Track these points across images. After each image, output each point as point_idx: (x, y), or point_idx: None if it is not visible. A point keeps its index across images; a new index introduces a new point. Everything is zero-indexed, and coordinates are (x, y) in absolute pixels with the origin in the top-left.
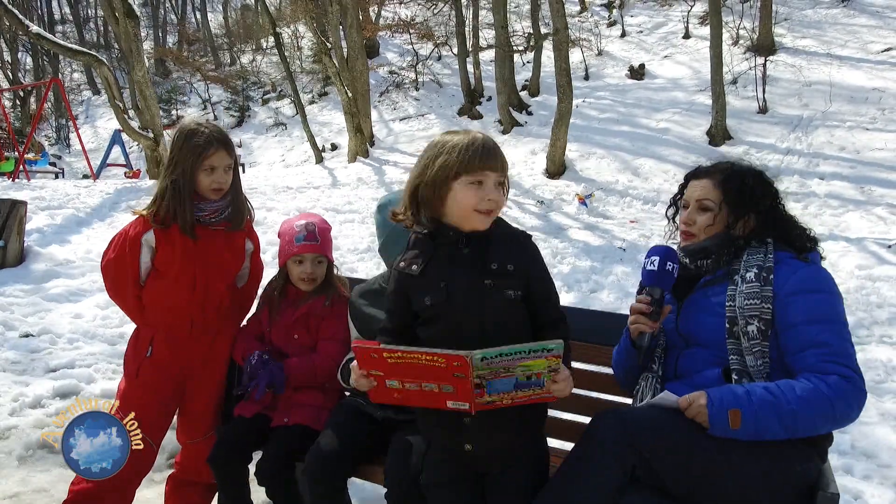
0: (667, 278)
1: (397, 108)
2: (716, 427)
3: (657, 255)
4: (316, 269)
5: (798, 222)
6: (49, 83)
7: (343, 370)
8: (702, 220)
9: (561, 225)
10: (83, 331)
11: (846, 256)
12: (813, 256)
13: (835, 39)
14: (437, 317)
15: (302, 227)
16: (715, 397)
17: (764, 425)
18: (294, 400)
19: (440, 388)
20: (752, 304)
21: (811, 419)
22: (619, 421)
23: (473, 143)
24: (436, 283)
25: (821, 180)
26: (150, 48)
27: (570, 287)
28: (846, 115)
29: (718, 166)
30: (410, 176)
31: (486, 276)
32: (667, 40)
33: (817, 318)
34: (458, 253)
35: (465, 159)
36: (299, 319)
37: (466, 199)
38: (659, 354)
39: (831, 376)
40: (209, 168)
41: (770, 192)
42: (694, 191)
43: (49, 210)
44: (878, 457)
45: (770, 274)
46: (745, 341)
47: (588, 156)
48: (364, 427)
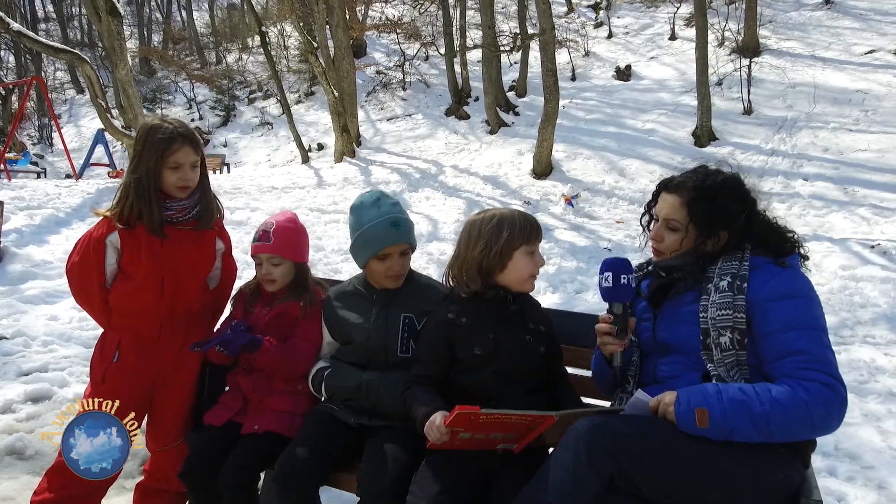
0: (623, 292)
1: (384, 108)
2: (682, 424)
3: (609, 270)
4: (273, 270)
5: (778, 226)
6: (30, 82)
7: (314, 378)
8: (669, 240)
9: (547, 225)
10: (58, 333)
11: (830, 257)
12: (791, 260)
13: (819, 41)
14: (481, 366)
15: (262, 227)
16: (683, 396)
17: (733, 425)
18: (265, 406)
19: (504, 436)
20: (724, 315)
21: (787, 424)
22: (597, 429)
23: (527, 218)
24: (484, 336)
25: (805, 181)
26: (134, 47)
27: (556, 288)
28: (830, 117)
29: (688, 182)
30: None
31: (527, 333)
32: (653, 42)
33: (794, 325)
34: (504, 310)
35: (525, 232)
36: (272, 321)
37: (526, 267)
38: (633, 372)
39: (811, 383)
40: (174, 165)
41: (746, 204)
42: (663, 206)
43: (28, 210)
44: (861, 458)
45: (744, 282)
46: (718, 353)
47: (575, 156)
48: (338, 434)
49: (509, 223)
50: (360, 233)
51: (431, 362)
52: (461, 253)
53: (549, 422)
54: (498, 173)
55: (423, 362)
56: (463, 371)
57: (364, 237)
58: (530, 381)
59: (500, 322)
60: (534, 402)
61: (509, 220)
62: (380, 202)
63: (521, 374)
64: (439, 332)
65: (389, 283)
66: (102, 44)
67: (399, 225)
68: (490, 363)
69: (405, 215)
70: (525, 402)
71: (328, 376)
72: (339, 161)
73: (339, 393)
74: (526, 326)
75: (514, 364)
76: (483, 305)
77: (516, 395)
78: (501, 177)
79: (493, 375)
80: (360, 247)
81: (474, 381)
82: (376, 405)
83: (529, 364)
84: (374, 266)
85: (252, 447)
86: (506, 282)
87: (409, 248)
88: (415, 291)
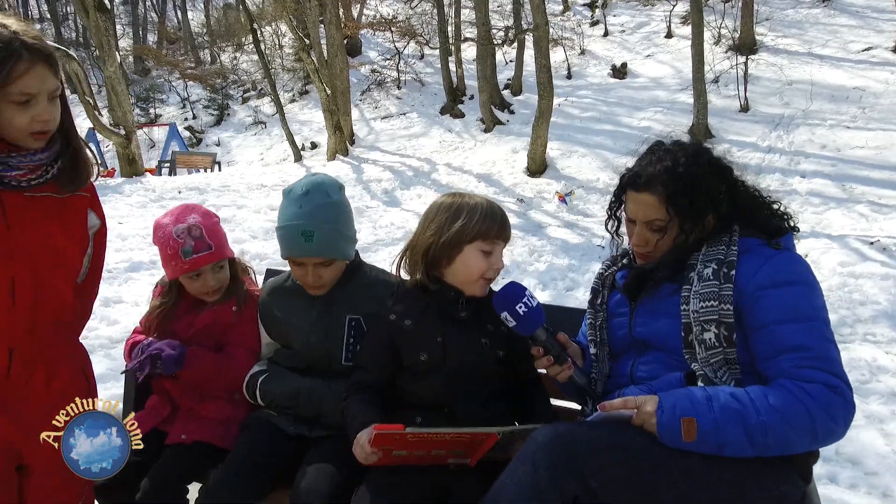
0: (530, 319)
1: (379, 107)
2: (665, 438)
3: (503, 308)
4: (219, 275)
5: (766, 200)
6: None
7: (248, 384)
8: (654, 241)
9: (540, 223)
10: None
11: (828, 254)
12: (786, 241)
13: (815, 39)
14: (428, 373)
15: (185, 234)
16: (667, 403)
17: (727, 438)
18: (196, 413)
19: (449, 452)
20: (708, 307)
21: (786, 434)
22: (560, 439)
23: (493, 211)
24: (432, 340)
25: (802, 178)
26: (129, 46)
27: (546, 285)
28: (827, 114)
29: (658, 174)
30: (422, 233)
31: (484, 335)
32: (649, 39)
33: (792, 316)
34: (454, 312)
35: (484, 226)
36: (203, 331)
37: (476, 265)
38: (598, 384)
39: (813, 384)
40: (21, 97)
41: (724, 180)
42: (637, 209)
43: None
44: (863, 463)
45: (731, 269)
46: (702, 351)
47: (569, 154)
48: (277, 444)
49: (469, 212)
50: (277, 228)
51: (373, 368)
52: (414, 237)
53: (492, 440)
54: (492, 171)
55: (364, 368)
56: (409, 378)
57: (279, 235)
58: (486, 388)
59: (451, 323)
60: (491, 412)
61: (469, 209)
62: (305, 199)
63: (475, 382)
64: (381, 335)
65: (310, 290)
66: (86, 39)
67: (311, 237)
68: (438, 370)
69: (330, 223)
70: (480, 412)
71: (263, 382)
72: (331, 159)
73: (276, 400)
74: (482, 328)
75: (465, 370)
76: (432, 305)
77: (469, 405)
78: (495, 175)
79: (442, 383)
80: (279, 243)
81: (421, 389)
82: (319, 414)
83: (484, 370)
84: (293, 269)
85: (177, 460)
86: (453, 279)
87: (326, 261)
88: (363, 288)
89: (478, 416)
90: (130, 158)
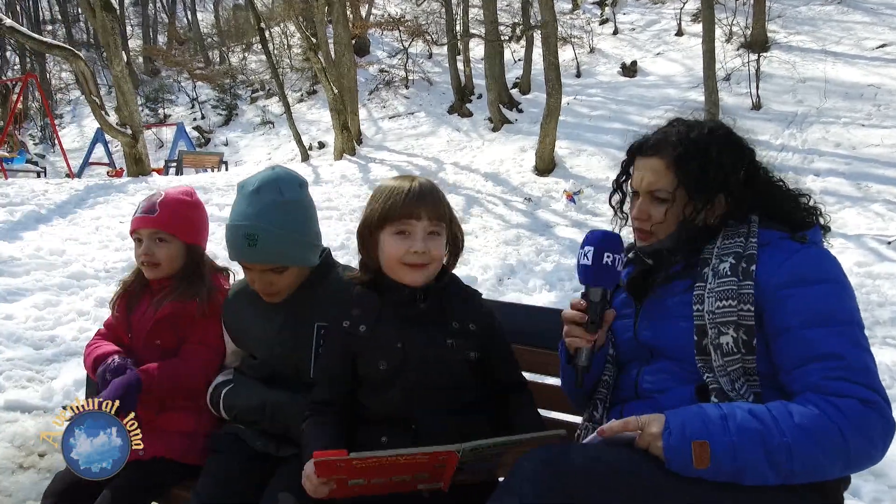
0: (604, 274)
1: (387, 107)
2: (673, 463)
3: (591, 244)
4: (156, 249)
5: (789, 189)
6: (24, 79)
7: (212, 396)
8: (657, 215)
9: (548, 222)
10: (8, 333)
11: (844, 253)
12: (812, 235)
13: (829, 36)
14: (388, 383)
15: (148, 198)
16: (675, 423)
17: (745, 464)
18: (157, 424)
19: (414, 477)
20: (725, 308)
21: (814, 458)
22: (551, 467)
23: (400, 190)
24: (390, 345)
25: (816, 177)
26: (139, 46)
27: (553, 286)
28: (841, 112)
29: (669, 137)
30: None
31: (448, 336)
32: (659, 38)
33: (821, 319)
34: (412, 310)
35: (386, 207)
36: (161, 324)
37: (392, 250)
38: (603, 396)
39: (845, 399)
40: None
41: (743, 155)
42: (642, 175)
43: (10, 206)
44: (887, 476)
45: (752, 264)
46: (718, 358)
47: (578, 153)
48: (246, 461)
49: (379, 193)
50: (226, 226)
51: (330, 384)
52: None
53: (453, 459)
54: (499, 170)
55: (321, 385)
56: (368, 391)
57: (226, 234)
58: (457, 398)
59: (411, 326)
60: (465, 426)
61: (377, 192)
62: (255, 197)
63: (443, 391)
64: (336, 346)
65: (264, 297)
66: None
67: (254, 242)
68: (399, 379)
69: (277, 227)
70: (451, 427)
71: (227, 394)
72: (338, 159)
73: (240, 414)
74: (448, 328)
75: (429, 378)
76: (388, 306)
77: (437, 418)
78: (503, 174)
79: (404, 394)
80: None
81: (383, 403)
82: (288, 430)
83: (452, 376)
84: (244, 272)
85: (135, 476)
86: (387, 271)
87: (277, 267)
88: (335, 292)
89: (449, 431)
90: (137, 158)
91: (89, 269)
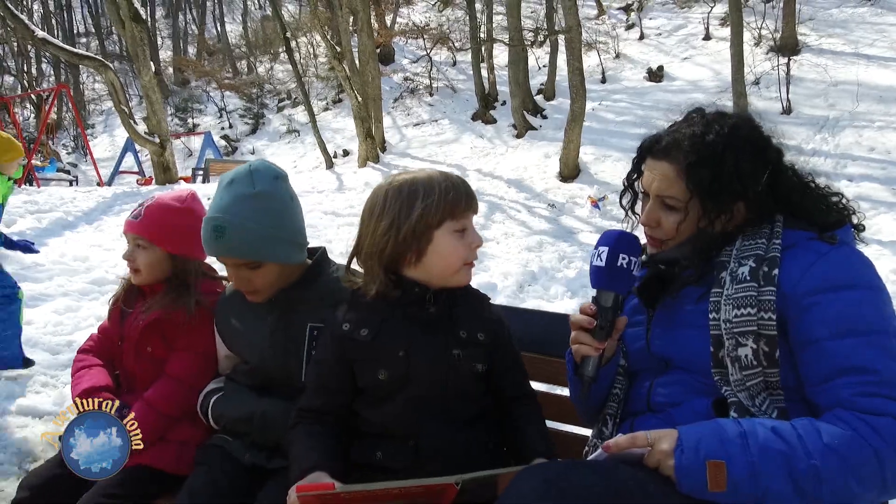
0: (618, 278)
1: (411, 114)
2: (685, 486)
3: (606, 244)
4: (137, 255)
5: (823, 192)
6: (56, 89)
7: (202, 403)
8: (668, 225)
9: (571, 228)
10: (27, 338)
11: (880, 260)
12: (843, 234)
13: (862, 38)
14: (389, 395)
15: (143, 200)
16: (688, 440)
17: (766, 490)
18: None
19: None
20: (744, 316)
21: (845, 483)
22: (548, 489)
23: (454, 183)
24: (392, 353)
25: (849, 182)
26: (168, 57)
27: (575, 292)
28: (875, 115)
29: (682, 139)
30: (371, 233)
31: (455, 346)
32: (686, 42)
33: (853, 329)
34: (420, 314)
35: (449, 202)
36: (151, 327)
37: (455, 251)
38: (614, 410)
39: (880, 418)
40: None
41: (767, 160)
42: (652, 178)
43: (38, 213)
44: None
45: (774, 268)
46: (736, 371)
47: (603, 158)
48: (233, 476)
49: (425, 189)
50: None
51: (323, 392)
52: (360, 236)
53: (451, 492)
54: (523, 176)
55: (311, 391)
56: (366, 403)
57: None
58: (462, 411)
59: (417, 333)
60: (469, 442)
61: (425, 186)
62: (228, 189)
63: (448, 403)
64: (332, 350)
65: (247, 296)
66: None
67: (222, 234)
68: (401, 391)
69: (245, 219)
70: (454, 443)
71: (216, 403)
72: (363, 166)
73: (229, 424)
74: (455, 336)
75: (435, 391)
76: (393, 311)
77: (440, 434)
78: (526, 180)
79: (407, 407)
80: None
81: (381, 415)
82: (278, 442)
83: (459, 389)
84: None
85: (115, 486)
86: (426, 276)
87: (251, 263)
88: (330, 291)
89: (451, 447)
90: (165, 166)
91: (111, 275)
